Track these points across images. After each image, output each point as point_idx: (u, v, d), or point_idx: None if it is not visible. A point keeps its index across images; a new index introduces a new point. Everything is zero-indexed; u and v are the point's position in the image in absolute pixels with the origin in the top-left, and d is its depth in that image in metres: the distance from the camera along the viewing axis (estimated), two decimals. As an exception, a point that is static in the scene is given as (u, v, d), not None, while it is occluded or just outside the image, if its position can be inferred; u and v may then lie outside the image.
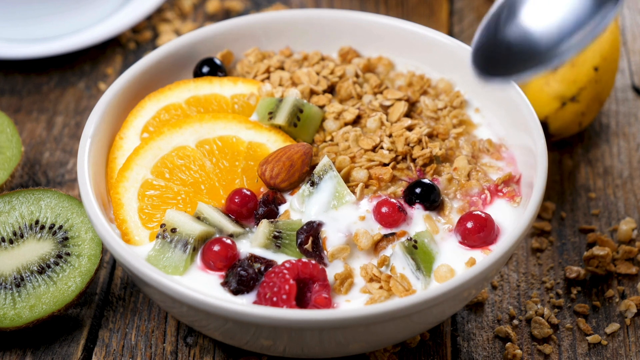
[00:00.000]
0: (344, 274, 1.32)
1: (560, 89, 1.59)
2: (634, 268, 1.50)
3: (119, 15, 1.81)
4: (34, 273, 1.41)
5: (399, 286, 1.31)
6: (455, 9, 1.89)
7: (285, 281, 1.27)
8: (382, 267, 1.33)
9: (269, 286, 1.28)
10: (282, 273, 1.28)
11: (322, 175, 1.38)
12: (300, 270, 1.29)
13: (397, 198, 1.38)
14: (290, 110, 1.44)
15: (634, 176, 1.62)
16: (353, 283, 1.32)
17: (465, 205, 1.38)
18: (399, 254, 1.33)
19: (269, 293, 1.28)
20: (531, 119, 1.41)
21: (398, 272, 1.33)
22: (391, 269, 1.33)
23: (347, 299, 1.32)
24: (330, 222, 1.35)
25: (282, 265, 1.29)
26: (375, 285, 1.31)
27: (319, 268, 1.30)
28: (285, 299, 1.27)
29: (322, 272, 1.30)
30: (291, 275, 1.28)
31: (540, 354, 1.41)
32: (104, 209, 1.37)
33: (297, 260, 1.30)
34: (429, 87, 1.51)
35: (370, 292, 1.31)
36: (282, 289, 1.27)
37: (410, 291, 1.31)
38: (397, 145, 1.42)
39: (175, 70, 1.53)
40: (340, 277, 1.32)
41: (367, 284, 1.32)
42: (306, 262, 1.30)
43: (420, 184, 1.37)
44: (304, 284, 1.30)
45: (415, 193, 1.37)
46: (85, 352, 1.42)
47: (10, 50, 1.75)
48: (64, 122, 1.70)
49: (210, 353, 1.41)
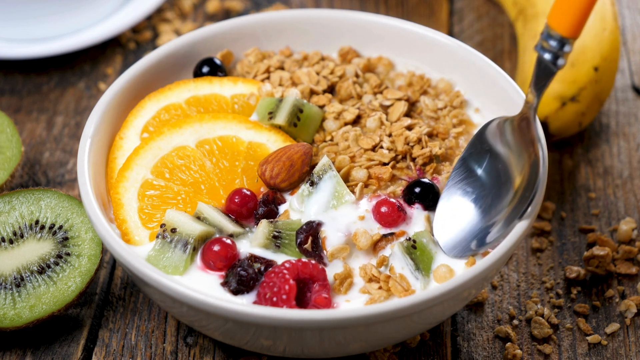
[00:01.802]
0: (344, 274, 1.32)
1: (560, 89, 1.59)
2: (634, 268, 1.50)
3: (119, 15, 1.81)
4: (34, 273, 1.41)
5: (397, 286, 1.31)
6: (455, 9, 1.89)
7: (285, 281, 1.27)
8: (382, 267, 1.33)
9: (269, 286, 1.28)
10: (282, 273, 1.28)
11: (322, 175, 1.38)
12: (300, 270, 1.29)
13: (397, 197, 1.38)
14: (290, 110, 1.44)
15: (634, 176, 1.62)
16: (353, 283, 1.32)
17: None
18: (397, 254, 1.33)
19: (269, 293, 1.28)
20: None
21: (397, 272, 1.33)
22: (390, 269, 1.33)
23: (346, 299, 1.32)
24: (329, 222, 1.35)
25: (282, 265, 1.29)
26: (374, 285, 1.31)
27: (319, 268, 1.30)
28: (285, 299, 1.27)
29: (322, 272, 1.30)
30: (291, 275, 1.28)
31: (540, 354, 1.41)
32: (104, 209, 1.37)
33: (297, 260, 1.30)
34: (429, 87, 1.51)
35: (369, 293, 1.31)
36: (282, 289, 1.27)
37: (410, 291, 1.31)
38: (397, 145, 1.42)
39: (175, 70, 1.53)
40: (340, 277, 1.32)
41: (366, 284, 1.32)
42: (306, 262, 1.30)
43: (420, 184, 1.37)
44: (304, 283, 1.30)
45: (415, 193, 1.37)
46: (85, 352, 1.42)
47: (10, 50, 1.75)
48: (64, 122, 1.70)
49: (210, 353, 1.41)
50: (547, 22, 1.29)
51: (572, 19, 1.26)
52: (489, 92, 1.48)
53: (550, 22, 1.28)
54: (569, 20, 1.26)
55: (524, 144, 1.33)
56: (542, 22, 1.65)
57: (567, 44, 1.28)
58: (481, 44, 1.82)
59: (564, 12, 1.26)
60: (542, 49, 1.30)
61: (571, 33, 1.27)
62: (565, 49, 1.28)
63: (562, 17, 1.27)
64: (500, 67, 1.55)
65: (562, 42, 1.28)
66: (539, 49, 1.30)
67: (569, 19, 1.26)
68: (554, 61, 1.29)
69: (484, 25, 1.86)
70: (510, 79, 1.46)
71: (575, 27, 1.27)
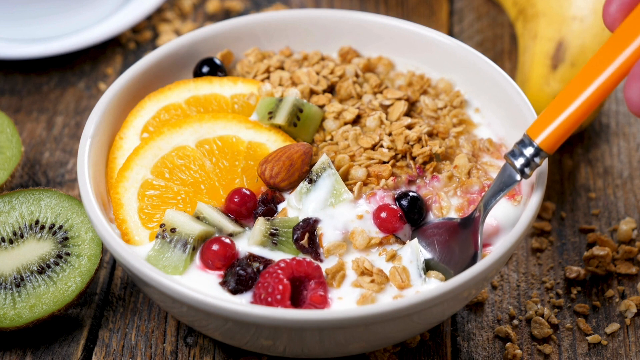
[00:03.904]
0: (335, 268, 1.32)
1: (560, 89, 1.58)
2: (634, 268, 1.50)
3: (119, 15, 1.81)
4: (34, 273, 1.41)
5: (397, 276, 1.30)
6: (455, 9, 1.89)
7: (279, 281, 1.27)
8: (389, 261, 1.33)
9: (263, 287, 1.28)
10: (275, 273, 1.28)
11: (320, 172, 1.38)
12: (294, 269, 1.29)
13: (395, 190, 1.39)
14: (290, 110, 1.44)
15: (634, 176, 1.62)
16: (345, 275, 1.32)
17: (464, 202, 1.38)
18: (412, 247, 1.33)
19: (264, 294, 1.28)
20: (531, 119, 1.41)
21: (402, 264, 1.32)
22: (397, 259, 1.33)
23: (339, 295, 1.31)
24: (327, 220, 1.35)
25: (277, 265, 1.29)
26: (366, 279, 1.31)
27: (314, 266, 1.30)
28: (279, 299, 1.27)
29: (317, 270, 1.30)
30: (285, 274, 1.28)
31: (540, 354, 1.41)
32: (104, 209, 1.37)
33: (292, 259, 1.30)
34: (429, 87, 1.51)
35: (361, 286, 1.31)
36: (275, 289, 1.27)
37: (406, 285, 1.30)
38: (397, 144, 1.42)
39: (175, 70, 1.53)
40: (332, 271, 1.32)
41: (358, 278, 1.32)
42: (300, 260, 1.30)
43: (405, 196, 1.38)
44: (300, 282, 1.30)
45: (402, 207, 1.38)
46: (85, 352, 1.42)
47: (10, 50, 1.75)
48: (64, 122, 1.70)
49: (210, 353, 1.41)
50: (527, 133, 1.31)
51: (556, 138, 1.29)
52: (489, 92, 1.48)
53: (531, 135, 1.30)
54: (552, 137, 1.29)
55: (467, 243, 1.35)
56: (542, 22, 1.65)
57: (540, 157, 1.31)
58: (481, 44, 1.82)
59: (549, 131, 1.29)
60: (514, 155, 1.32)
61: (550, 149, 1.30)
62: (536, 160, 1.31)
63: (547, 135, 1.29)
64: (500, 67, 1.55)
65: (538, 152, 1.30)
66: (510, 155, 1.32)
67: (553, 137, 1.29)
68: (523, 169, 1.31)
69: (484, 25, 1.86)
70: (510, 79, 1.46)
71: (555, 144, 1.30)
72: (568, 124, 1.29)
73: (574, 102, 1.28)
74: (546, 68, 1.60)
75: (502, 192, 1.33)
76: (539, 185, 1.34)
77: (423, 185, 1.41)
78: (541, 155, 1.31)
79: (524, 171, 1.31)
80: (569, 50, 1.60)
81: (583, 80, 1.27)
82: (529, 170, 1.31)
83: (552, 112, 1.29)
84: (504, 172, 1.33)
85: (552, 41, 1.62)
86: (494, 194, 1.33)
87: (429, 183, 1.41)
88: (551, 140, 1.29)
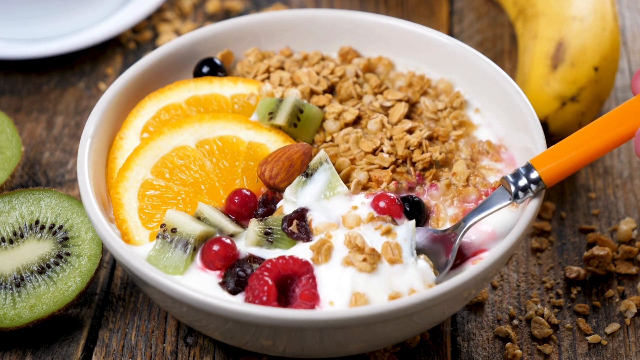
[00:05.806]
0: (319, 243, 1.31)
1: (560, 89, 1.59)
2: (634, 268, 1.50)
3: (119, 15, 1.81)
4: (34, 273, 1.41)
5: (389, 250, 1.30)
6: (455, 9, 1.89)
7: (264, 283, 1.27)
8: (384, 235, 1.32)
9: (250, 289, 1.28)
10: (261, 275, 1.28)
11: (317, 167, 1.38)
12: (280, 268, 1.29)
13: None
14: (290, 110, 1.44)
15: (634, 176, 1.62)
16: (331, 247, 1.31)
17: (459, 213, 1.38)
18: (410, 227, 1.33)
19: (251, 296, 1.28)
20: (531, 119, 1.41)
21: (397, 240, 1.32)
22: (392, 235, 1.32)
23: (330, 300, 1.30)
24: (320, 210, 1.35)
25: (263, 267, 1.29)
26: (358, 256, 1.29)
27: (301, 262, 1.30)
28: (265, 301, 1.27)
29: (304, 266, 1.30)
30: (271, 275, 1.28)
31: (540, 354, 1.41)
32: (104, 209, 1.38)
33: (277, 259, 1.29)
34: (429, 88, 1.51)
35: (352, 264, 1.29)
36: (261, 291, 1.27)
37: (397, 260, 1.29)
38: (398, 149, 1.42)
39: (175, 70, 1.53)
40: (315, 247, 1.31)
41: (349, 254, 1.30)
42: (287, 258, 1.29)
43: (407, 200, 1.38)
44: (291, 279, 1.30)
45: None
46: (85, 352, 1.42)
47: (10, 50, 1.75)
48: (64, 122, 1.71)
49: (210, 353, 1.41)
50: (531, 162, 1.33)
51: (558, 173, 1.33)
52: (489, 92, 1.48)
53: (535, 165, 1.33)
54: (554, 173, 1.33)
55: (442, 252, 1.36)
56: (542, 22, 1.65)
57: (537, 187, 1.33)
58: (481, 44, 1.82)
59: (553, 164, 1.33)
60: (512, 176, 1.33)
61: (549, 181, 1.33)
62: (532, 187, 1.33)
63: (550, 167, 1.32)
64: (500, 67, 1.55)
65: (537, 182, 1.33)
66: (507, 177, 1.34)
67: (555, 171, 1.32)
68: (517, 192, 1.33)
69: (484, 25, 1.86)
70: (510, 79, 1.46)
71: (555, 179, 1.33)
72: (573, 164, 1.32)
73: (587, 146, 1.32)
74: (546, 68, 1.60)
75: (488, 210, 1.34)
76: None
77: (422, 193, 1.40)
78: (539, 185, 1.32)
79: (518, 194, 1.33)
80: (569, 50, 1.60)
81: (602, 128, 1.32)
82: (522, 195, 1.33)
83: (563, 149, 1.33)
84: (496, 193, 1.34)
85: (552, 41, 1.62)
86: (479, 212, 1.34)
87: (427, 191, 1.41)
88: (553, 173, 1.32)
